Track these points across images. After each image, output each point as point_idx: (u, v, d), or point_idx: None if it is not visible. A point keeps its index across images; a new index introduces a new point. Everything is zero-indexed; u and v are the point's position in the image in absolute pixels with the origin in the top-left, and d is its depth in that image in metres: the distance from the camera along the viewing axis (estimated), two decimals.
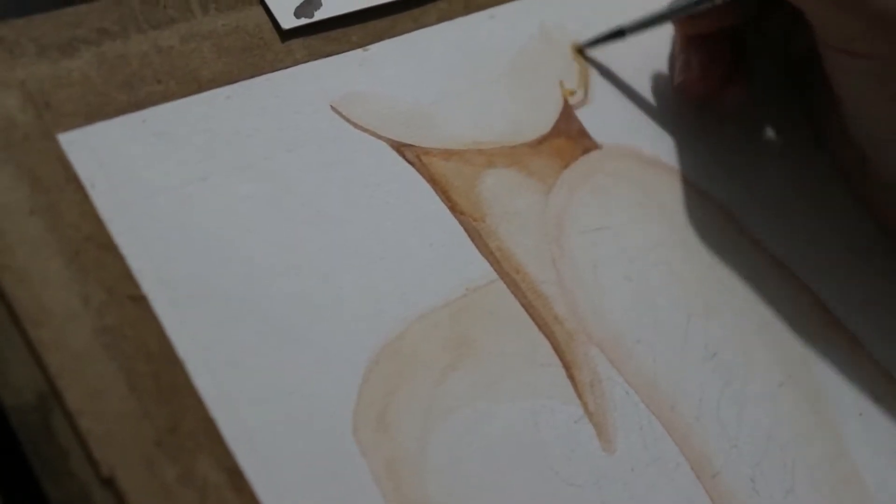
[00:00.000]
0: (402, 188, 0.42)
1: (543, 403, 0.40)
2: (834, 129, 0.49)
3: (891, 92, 0.45)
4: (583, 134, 0.47)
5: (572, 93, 0.48)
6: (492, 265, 0.42)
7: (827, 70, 0.46)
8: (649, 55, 0.49)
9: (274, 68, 0.42)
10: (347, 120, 0.43)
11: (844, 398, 0.46)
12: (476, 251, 0.42)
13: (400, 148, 0.43)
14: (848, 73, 0.46)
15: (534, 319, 0.42)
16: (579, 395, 0.41)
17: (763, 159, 0.50)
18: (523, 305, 0.42)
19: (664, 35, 0.49)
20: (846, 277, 0.48)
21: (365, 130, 0.43)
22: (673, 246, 0.46)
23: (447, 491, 0.37)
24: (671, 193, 0.47)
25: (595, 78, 0.49)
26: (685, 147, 0.48)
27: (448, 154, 0.44)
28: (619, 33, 0.48)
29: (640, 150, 0.48)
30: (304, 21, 0.43)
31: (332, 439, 0.37)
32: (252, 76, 0.42)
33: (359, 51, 0.44)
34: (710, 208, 0.48)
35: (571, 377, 0.41)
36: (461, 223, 0.43)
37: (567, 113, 0.47)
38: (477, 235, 0.42)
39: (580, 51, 0.48)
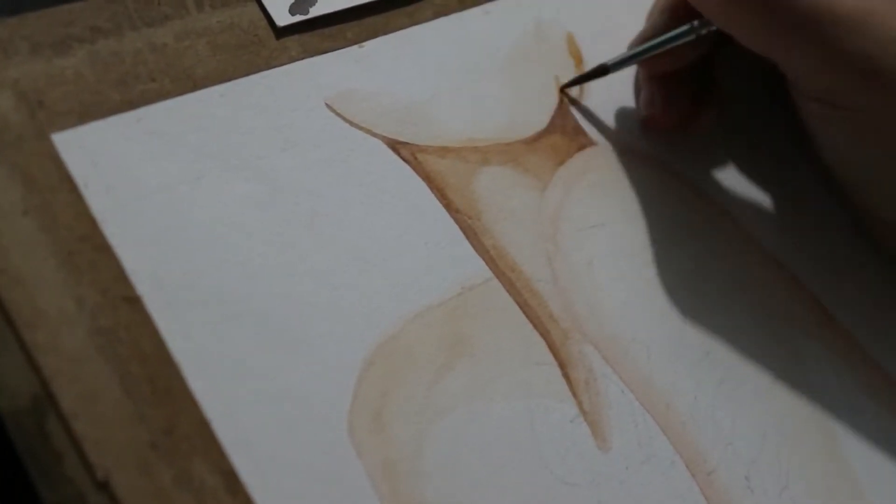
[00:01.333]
0: (397, 186, 0.42)
1: (538, 402, 0.40)
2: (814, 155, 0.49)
3: (869, 142, 0.44)
4: (578, 131, 0.47)
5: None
6: (487, 263, 0.42)
7: (803, 117, 0.46)
8: None
9: (269, 66, 0.42)
10: (342, 117, 0.43)
11: (839, 396, 0.46)
12: (471, 249, 0.42)
13: (395, 145, 0.43)
14: (825, 122, 0.45)
15: (529, 318, 0.42)
16: (574, 394, 0.41)
17: (758, 157, 0.50)
18: (518, 304, 0.42)
19: None
20: (841, 274, 0.48)
21: (360, 128, 0.43)
22: (668, 243, 0.46)
23: (443, 491, 0.37)
24: (666, 190, 0.47)
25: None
26: (680, 144, 0.48)
27: (443, 151, 0.44)
28: (602, 70, 0.47)
29: (635, 147, 0.48)
30: (298, 18, 0.43)
31: (327, 440, 0.37)
32: (247, 74, 0.42)
33: (354, 47, 0.44)
34: (705, 206, 0.48)
35: (566, 376, 0.41)
36: (456, 221, 0.42)
37: (562, 109, 0.47)
38: (472, 233, 0.42)
39: (562, 90, 0.47)
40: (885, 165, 0.45)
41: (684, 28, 0.46)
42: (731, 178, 0.48)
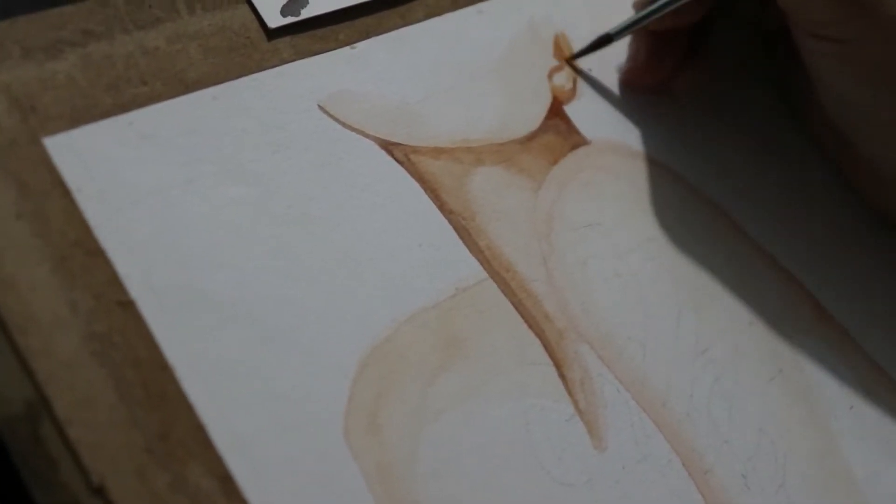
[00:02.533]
0: (390, 187, 0.42)
1: (534, 402, 0.40)
2: (813, 111, 0.49)
3: (861, 74, 0.45)
4: (572, 130, 0.47)
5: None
6: (481, 264, 0.42)
7: (803, 55, 0.47)
8: None
9: (261, 68, 0.42)
10: (335, 119, 0.42)
11: (835, 392, 0.46)
12: (466, 250, 0.42)
13: (388, 147, 0.43)
14: (821, 57, 0.46)
15: (524, 318, 0.42)
16: (570, 394, 0.41)
17: (753, 154, 0.50)
18: (513, 304, 0.42)
19: None
20: (837, 271, 0.48)
21: (353, 129, 0.43)
22: (663, 241, 0.46)
23: (439, 493, 0.37)
24: (661, 189, 0.47)
25: (584, 73, 0.48)
26: (674, 142, 0.48)
27: (437, 152, 0.44)
28: (606, 39, 0.47)
29: (629, 146, 0.48)
30: (290, 20, 0.43)
31: (322, 443, 0.36)
32: (239, 76, 0.42)
33: (346, 49, 0.44)
34: (700, 203, 0.47)
35: (562, 375, 0.41)
36: (450, 222, 0.42)
37: (556, 109, 0.47)
38: (466, 234, 0.42)
39: (569, 60, 0.48)
40: (878, 102, 0.45)
41: None
42: (725, 176, 0.48)
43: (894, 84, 0.45)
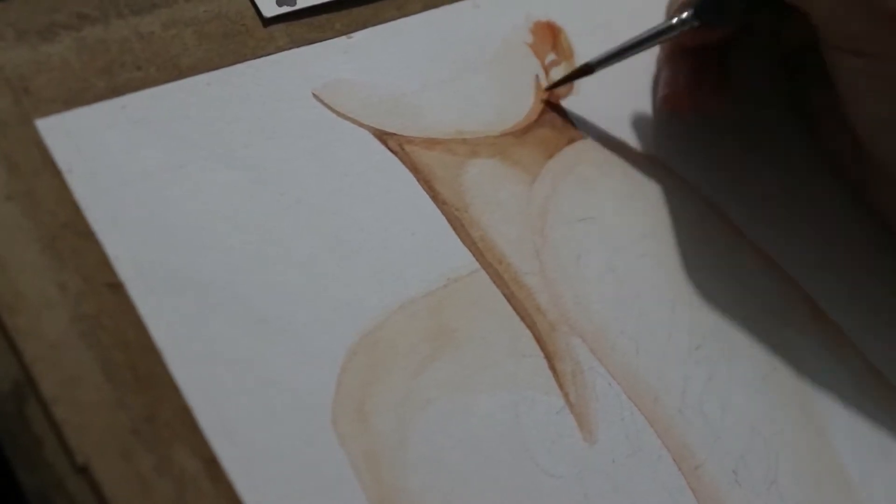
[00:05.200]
0: (384, 177, 0.42)
1: (524, 394, 0.40)
2: (829, 124, 0.49)
3: (893, 91, 0.44)
4: (568, 124, 0.47)
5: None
6: (474, 255, 0.42)
7: (830, 69, 0.46)
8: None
9: (256, 55, 0.42)
10: (330, 108, 0.42)
11: (829, 391, 0.45)
12: (458, 241, 0.42)
13: (382, 136, 0.43)
14: (853, 73, 0.45)
15: (516, 310, 0.42)
16: (560, 386, 0.41)
17: (750, 152, 0.50)
18: (505, 296, 0.42)
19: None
20: (832, 270, 0.48)
21: (347, 118, 0.43)
22: (657, 237, 0.46)
23: (427, 482, 0.37)
24: (656, 184, 0.47)
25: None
26: (671, 138, 0.48)
27: (431, 143, 0.43)
28: (586, 69, 0.46)
29: (624, 141, 0.47)
30: (286, 9, 0.43)
31: (310, 429, 0.36)
32: (233, 63, 0.42)
33: (342, 38, 0.44)
34: (696, 200, 0.47)
35: (553, 368, 0.41)
36: (443, 213, 0.42)
37: (552, 103, 0.47)
38: (459, 225, 0.42)
39: (547, 91, 0.47)
40: None
41: (672, 22, 0.46)
42: (720, 173, 0.48)
43: None
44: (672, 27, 0.46)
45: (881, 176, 0.48)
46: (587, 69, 0.46)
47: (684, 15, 0.46)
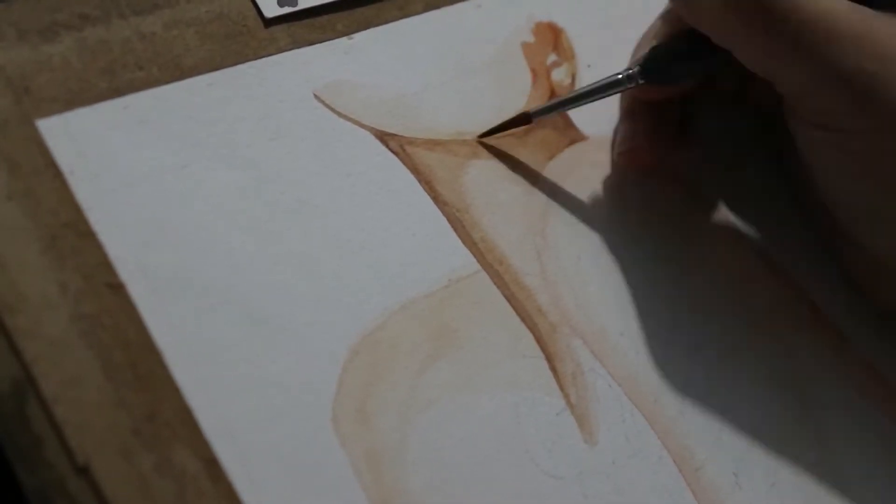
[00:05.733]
0: (384, 178, 0.42)
1: (525, 395, 0.40)
2: (809, 194, 0.47)
3: (862, 166, 0.43)
4: (569, 125, 0.47)
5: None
6: (475, 256, 0.42)
7: (798, 142, 0.45)
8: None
9: (257, 56, 0.42)
10: (331, 108, 0.42)
11: (829, 393, 0.45)
12: (459, 242, 0.42)
13: (384, 137, 0.43)
14: (823, 147, 0.44)
15: (516, 311, 0.42)
16: (561, 387, 0.41)
17: (751, 152, 0.50)
18: (506, 297, 0.42)
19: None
20: (832, 272, 0.48)
21: (348, 119, 0.43)
22: (658, 238, 0.46)
23: (427, 483, 0.37)
24: (656, 186, 0.47)
25: (583, 69, 0.48)
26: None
27: (432, 144, 0.44)
28: (524, 118, 0.45)
29: None
30: (287, 9, 0.43)
31: (311, 430, 0.36)
32: (235, 63, 0.42)
33: (344, 39, 0.44)
34: (696, 200, 0.47)
35: (554, 369, 0.41)
36: (444, 213, 0.42)
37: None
38: (460, 226, 0.42)
39: (479, 139, 0.45)
40: (882, 198, 0.43)
41: (618, 76, 0.44)
42: (721, 174, 0.48)
43: None
44: (618, 82, 0.44)
45: (851, 246, 0.46)
46: (525, 118, 0.45)
47: (630, 71, 0.44)
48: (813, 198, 0.47)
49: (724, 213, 0.48)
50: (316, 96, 0.42)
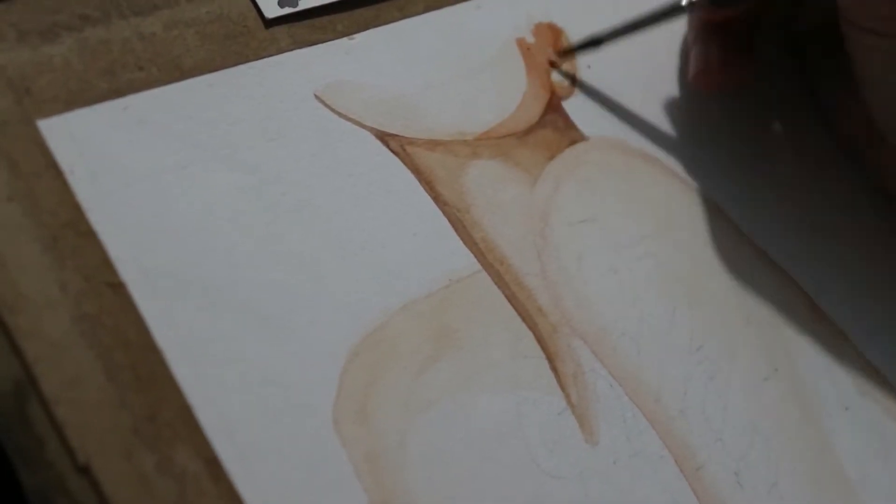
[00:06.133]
0: (385, 178, 0.42)
1: (526, 395, 0.40)
2: (844, 106, 0.48)
3: None
4: (570, 125, 0.47)
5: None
6: (475, 256, 0.42)
7: (850, 49, 0.45)
8: (641, 45, 0.49)
9: (258, 56, 0.42)
10: (331, 109, 0.42)
11: (830, 392, 0.45)
12: (460, 242, 0.42)
13: (384, 137, 0.43)
14: (874, 53, 0.45)
15: (517, 311, 0.42)
16: (562, 387, 0.41)
17: (750, 152, 0.50)
18: (507, 297, 0.42)
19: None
20: (833, 271, 0.48)
21: (349, 119, 0.43)
22: (659, 238, 0.46)
23: (428, 483, 0.37)
24: (657, 185, 0.47)
25: (583, 69, 0.48)
26: (672, 139, 0.48)
27: (433, 144, 0.44)
28: (594, 42, 0.47)
29: (626, 142, 0.47)
30: (287, 10, 0.43)
31: (311, 430, 0.36)
32: (235, 64, 0.42)
33: (344, 39, 0.44)
34: (697, 201, 0.47)
35: (554, 369, 0.41)
36: (445, 214, 0.42)
37: (554, 104, 0.47)
38: (461, 226, 0.42)
39: (553, 63, 0.47)
40: None
41: (682, 1, 0.46)
42: (722, 174, 0.48)
43: None
44: (680, 7, 0.46)
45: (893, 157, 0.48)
46: (595, 41, 0.47)
47: None
48: (855, 118, 0.48)
49: (725, 213, 0.48)
50: (316, 97, 0.42)
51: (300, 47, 0.43)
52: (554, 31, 0.48)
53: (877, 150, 0.48)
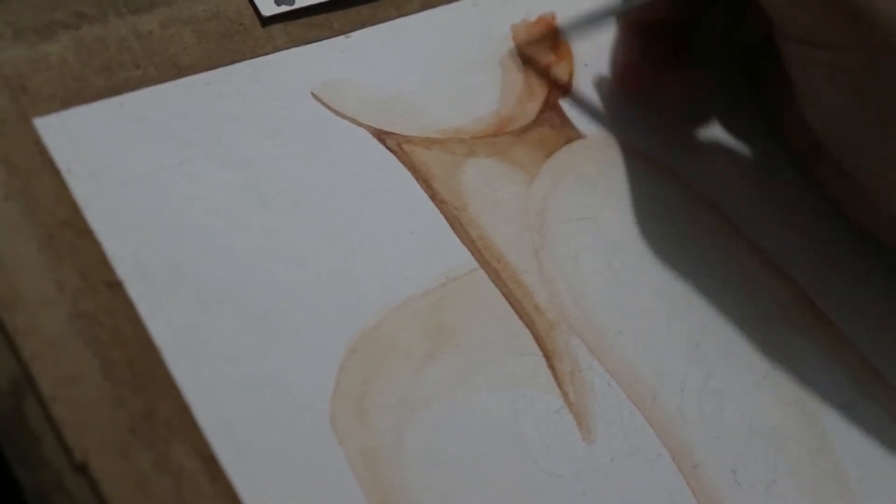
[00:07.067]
0: (382, 176, 0.42)
1: (523, 393, 0.40)
2: (790, 119, 0.48)
3: (850, 83, 0.43)
4: (566, 123, 0.47)
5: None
6: (472, 254, 0.42)
7: (785, 61, 0.45)
8: None
9: (254, 54, 0.42)
10: (328, 107, 0.42)
11: (828, 391, 0.45)
12: (457, 240, 0.42)
13: (381, 135, 0.43)
14: (807, 65, 0.44)
15: (514, 309, 0.42)
16: (559, 385, 0.41)
17: (746, 150, 0.50)
18: (504, 295, 0.42)
19: None
20: (830, 269, 0.48)
21: (346, 118, 0.43)
22: (656, 236, 0.46)
23: (425, 480, 0.37)
24: (654, 184, 0.47)
25: (580, 68, 0.48)
26: (669, 138, 0.48)
27: (429, 142, 0.44)
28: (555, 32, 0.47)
29: (623, 141, 0.47)
30: (284, 8, 0.43)
31: (308, 427, 0.36)
32: (232, 62, 0.42)
33: (341, 38, 0.44)
34: (694, 199, 0.47)
35: (552, 367, 0.41)
36: (442, 212, 0.42)
37: (551, 102, 0.47)
38: (458, 224, 0.42)
39: (549, 64, 0.47)
40: (866, 117, 0.44)
41: None
42: (719, 173, 0.48)
43: (882, 96, 0.43)
44: None
45: (839, 173, 0.47)
46: (555, 32, 0.47)
47: None
48: (798, 131, 0.47)
49: (722, 212, 0.48)
50: (313, 95, 0.42)
51: (297, 45, 0.43)
52: (550, 29, 0.48)
53: (823, 165, 0.48)
